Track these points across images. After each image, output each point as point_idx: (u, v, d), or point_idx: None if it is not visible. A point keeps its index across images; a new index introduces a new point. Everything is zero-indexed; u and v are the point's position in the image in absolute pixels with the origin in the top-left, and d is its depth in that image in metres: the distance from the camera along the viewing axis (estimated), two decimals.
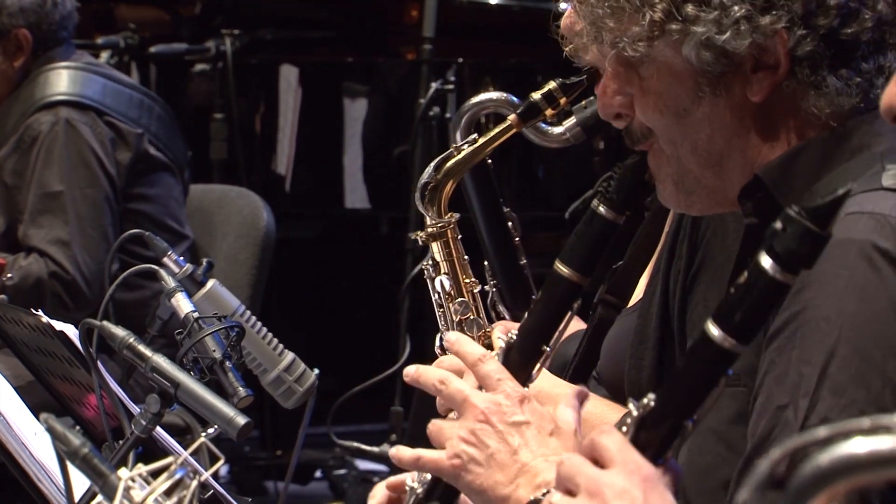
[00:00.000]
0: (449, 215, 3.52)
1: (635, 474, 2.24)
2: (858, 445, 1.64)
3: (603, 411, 3.15)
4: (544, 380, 2.94)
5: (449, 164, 3.47)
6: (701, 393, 2.36)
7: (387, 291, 6.29)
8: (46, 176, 5.39)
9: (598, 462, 2.27)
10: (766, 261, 2.21)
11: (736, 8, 2.62)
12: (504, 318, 3.60)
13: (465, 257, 3.52)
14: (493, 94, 3.56)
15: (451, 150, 3.49)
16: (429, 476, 2.89)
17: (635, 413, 2.34)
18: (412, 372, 2.86)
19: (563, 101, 3.42)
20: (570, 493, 2.26)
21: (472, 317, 3.38)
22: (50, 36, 5.55)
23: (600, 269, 3.31)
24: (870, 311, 2.50)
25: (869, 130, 2.74)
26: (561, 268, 2.89)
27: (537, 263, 3.47)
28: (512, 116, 3.45)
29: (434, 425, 2.77)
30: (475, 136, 3.51)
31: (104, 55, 6.53)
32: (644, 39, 2.66)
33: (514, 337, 2.91)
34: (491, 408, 2.69)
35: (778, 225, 2.22)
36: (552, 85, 3.45)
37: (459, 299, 3.42)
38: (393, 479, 3.12)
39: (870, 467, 1.66)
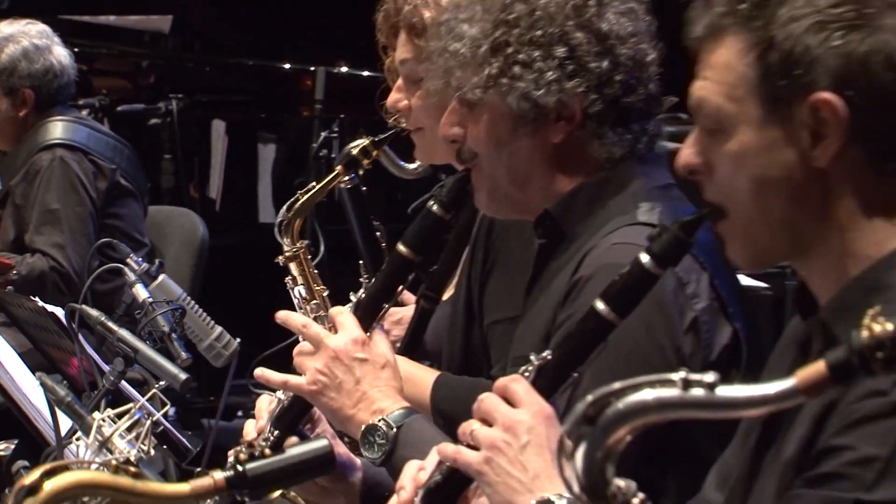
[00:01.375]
0: (300, 242, 3.45)
1: (539, 413, 2.17)
2: (647, 394, 1.61)
3: (419, 371, 3.11)
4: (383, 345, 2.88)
5: (296, 205, 3.41)
6: (586, 352, 2.31)
7: None
8: (47, 198, 5.42)
9: (509, 401, 2.19)
10: (644, 257, 2.16)
11: (550, 73, 2.56)
12: None
13: (315, 270, 3.46)
14: (364, 140, 3.42)
15: (298, 194, 3.41)
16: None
17: (536, 363, 2.26)
18: (282, 315, 2.92)
19: (375, 153, 3.36)
20: (488, 424, 2.18)
21: (322, 314, 3.28)
22: (49, 98, 5.56)
23: (429, 257, 3.23)
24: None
25: (631, 174, 2.67)
26: (400, 247, 2.89)
27: None
28: (339, 168, 3.39)
29: (298, 357, 2.81)
30: (313, 183, 3.46)
31: (84, 112, 6.49)
32: (481, 88, 2.60)
33: (363, 296, 2.95)
34: (340, 347, 2.72)
35: (655, 231, 2.20)
36: (366, 142, 3.38)
37: (313, 302, 3.36)
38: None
39: (655, 410, 1.62)
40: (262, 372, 2.99)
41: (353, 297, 3.04)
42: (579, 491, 1.66)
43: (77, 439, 3.05)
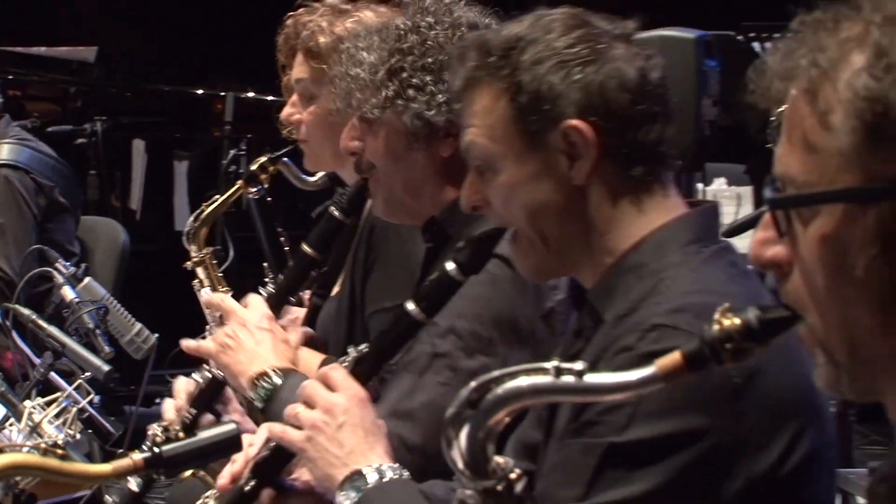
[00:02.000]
0: (206, 249, 3.49)
1: (354, 396, 2.26)
2: (523, 381, 1.57)
3: (309, 355, 3.15)
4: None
5: (202, 216, 3.44)
6: (398, 346, 2.45)
7: None
8: None
9: (329, 387, 2.28)
10: (450, 265, 2.31)
11: (440, 95, 2.57)
12: None
13: (220, 273, 3.50)
14: (263, 157, 3.49)
15: (203, 206, 3.46)
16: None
17: (354, 354, 2.36)
18: (206, 297, 3.15)
19: (272, 168, 3.39)
20: (311, 406, 2.27)
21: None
22: None
23: (329, 255, 3.29)
24: (488, 296, 2.53)
25: None
26: (305, 247, 2.99)
27: None
28: (240, 182, 3.46)
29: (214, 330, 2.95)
30: (216, 195, 3.51)
31: None
32: (379, 108, 2.61)
33: (271, 290, 3.05)
34: (248, 317, 2.82)
35: (460, 244, 2.35)
36: (264, 159, 3.41)
37: None
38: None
39: (530, 395, 1.59)
40: (186, 342, 3.04)
41: (262, 292, 3.07)
42: (463, 467, 1.64)
43: (10, 425, 3.02)
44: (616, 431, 1.92)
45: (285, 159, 3.57)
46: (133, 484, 2.88)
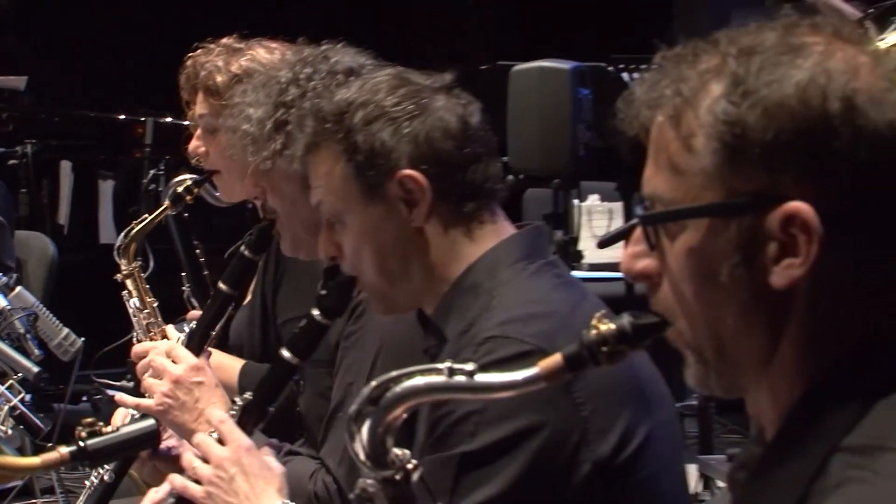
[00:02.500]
0: (134, 263, 3.45)
1: (240, 448, 2.25)
2: (419, 380, 1.58)
3: (229, 360, 3.16)
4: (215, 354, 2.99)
5: (131, 233, 3.41)
6: (278, 391, 2.52)
7: None
8: None
9: (221, 440, 2.29)
10: (315, 312, 2.37)
11: None
12: (195, 309, 3.57)
13: (147, 285, 3.47)
14: (185, 176, 3.47)
15: (133, 224, 3.43)
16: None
17: (240, 404, 2.42)
18: (138, 349, 3.00)
19: (195, 190, 3.36)
20: (205, 461, 2.28)
21: (153, 321, 3.37)
22: None
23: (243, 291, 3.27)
24: (397, 328, 2.52)
25: None
26: (221, 285, 2.94)
27: (216, 277, 3.40)
28: (167, 202, 3.42)
29: (145, 384, 2.79)
30: (146, 215, 3.48)
31: None
32: (270, 159, 2.60)
33: (194, 328, 2.99)
34: (181, 374, 2.70)
35: (322, 291, 2.39)
36: (189, 182, 3.39)
37: (146, 311, 3.38)
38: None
39: (425, 393, 1.60)
40: (121, 397, 3.00)
41: (186, 329, 3.10)
42: (364, 458, 1.64)
43: None
44: (467, 440, 2.01)
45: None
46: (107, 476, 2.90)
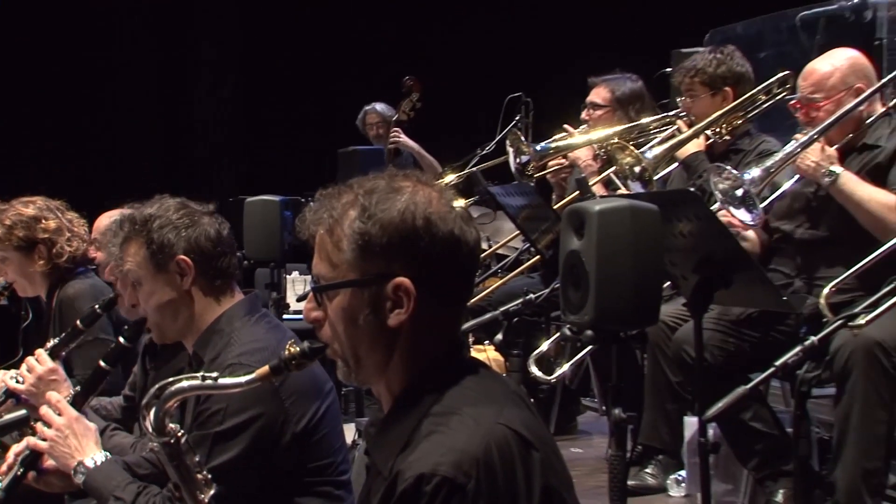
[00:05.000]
0: None
1: (71, 417, 2.82)
2: (185, 383, 2.04)
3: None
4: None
5: None
6: (96, 386, 3.09)
7: None
8: None
9: (59, 412, 2.82)
10: (121, 338, 3.06)
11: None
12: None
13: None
14: None
15: None
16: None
17: (72, 393, 3.00)
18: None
19: None
20: (48, 426, 2.76)
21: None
22: None
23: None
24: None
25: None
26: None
27: None
28: None
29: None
30: None
31: None
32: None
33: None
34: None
35: (114, 344, 3.03)
36: None
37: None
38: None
39: (188, 390, 2.04)
40: (3, 378, 3.20)
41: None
42: (152, 431, 2.08)
43: None
44: (217, 424, 2.54)
45: None
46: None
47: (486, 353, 5.43)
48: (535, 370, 3.55)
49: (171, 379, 2.08)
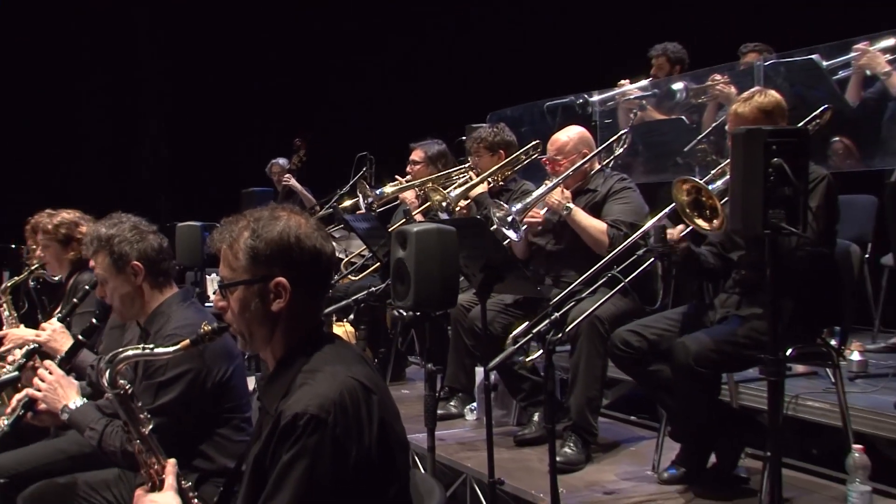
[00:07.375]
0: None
1: (59, 376, 2.67)
2: (130, 352, 1.90)
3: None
4: None
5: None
6: (75, 353, 2.90)
7: None
8: None
9: (49, 373, 2.67)
10: (93, 319, 2.92)
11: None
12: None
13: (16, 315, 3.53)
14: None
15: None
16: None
17: (59, 358, 2.88)
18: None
19: None
20: (43, 380, 2.62)
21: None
22: None
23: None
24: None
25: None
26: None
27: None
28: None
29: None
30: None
31: None
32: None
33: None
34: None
35: (97, 311, 2.93)
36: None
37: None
38: None
39: (132, 357, 1.91)
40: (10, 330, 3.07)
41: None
42: (106, 385, 1.93)
43: None
44: (160, 376, 2.46)
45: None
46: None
47: (343, 328, 5.44)
48: None
49: (122, 349, 2.00)
